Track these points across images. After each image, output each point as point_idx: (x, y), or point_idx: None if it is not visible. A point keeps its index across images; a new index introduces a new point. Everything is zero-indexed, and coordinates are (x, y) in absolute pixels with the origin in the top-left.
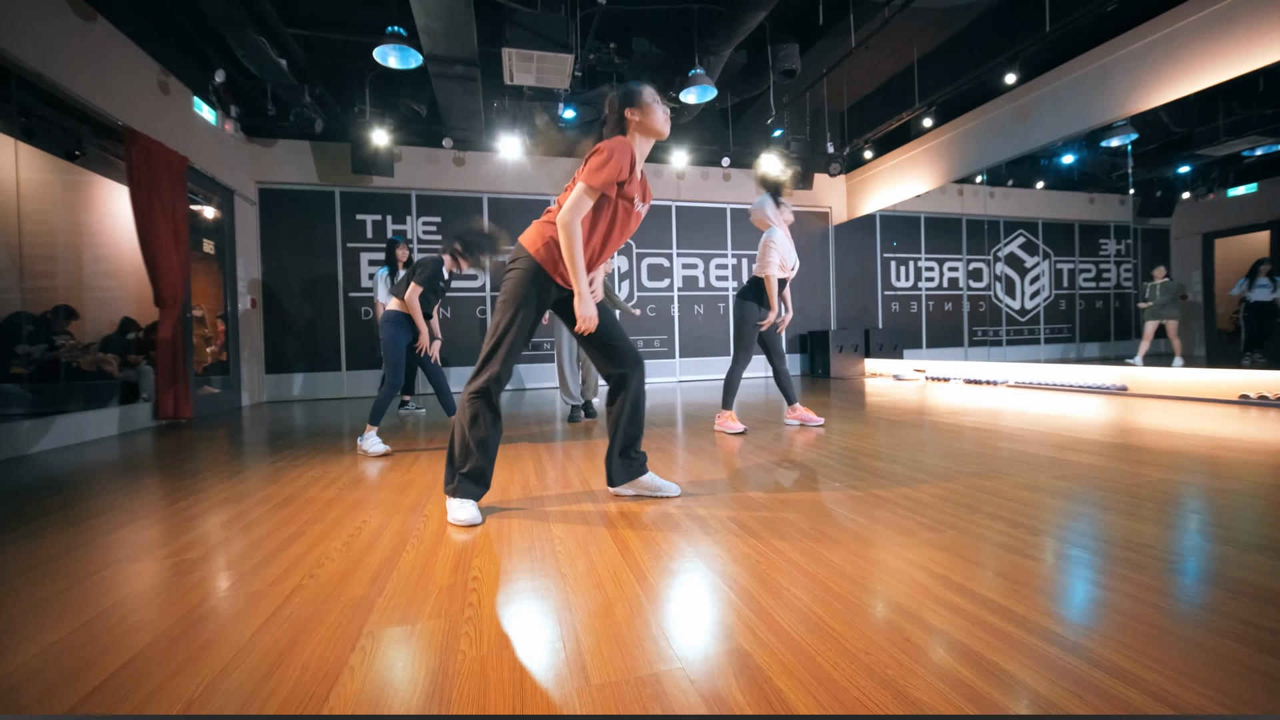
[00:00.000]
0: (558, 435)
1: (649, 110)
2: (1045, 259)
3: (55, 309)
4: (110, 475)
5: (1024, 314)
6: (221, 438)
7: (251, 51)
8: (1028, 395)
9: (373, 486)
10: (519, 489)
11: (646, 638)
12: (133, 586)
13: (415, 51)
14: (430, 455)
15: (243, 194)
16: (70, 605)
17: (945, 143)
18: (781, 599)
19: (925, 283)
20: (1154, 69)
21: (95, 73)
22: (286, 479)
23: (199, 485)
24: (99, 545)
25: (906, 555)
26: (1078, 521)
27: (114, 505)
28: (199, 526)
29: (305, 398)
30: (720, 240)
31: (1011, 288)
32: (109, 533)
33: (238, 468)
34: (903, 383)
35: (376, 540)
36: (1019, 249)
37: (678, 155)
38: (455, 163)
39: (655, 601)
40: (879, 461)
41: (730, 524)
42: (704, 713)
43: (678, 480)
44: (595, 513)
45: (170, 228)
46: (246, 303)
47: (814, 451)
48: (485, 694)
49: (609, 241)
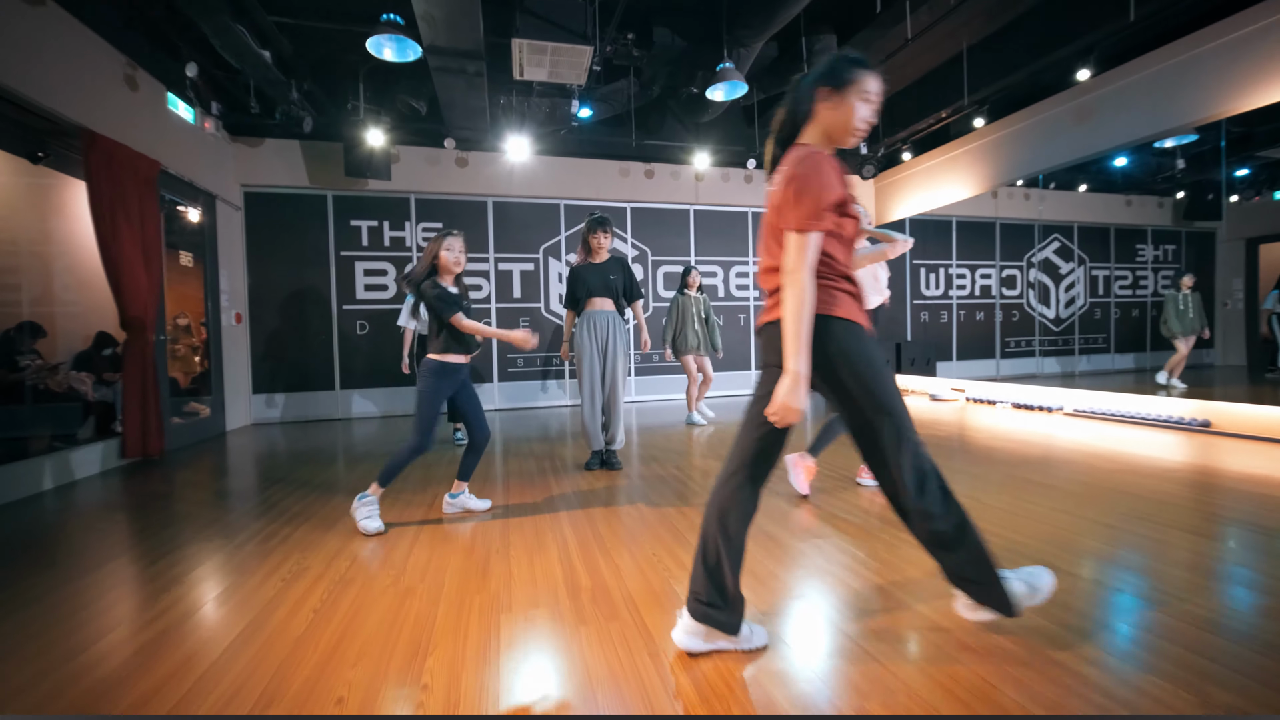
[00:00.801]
0: (583, 499)
1: (851, 98)
2: (1080, 265)
3: (20, 325)
4: (21, 564)
5: (1058, 323)
6: (189, 488)
7: (230, 42)
8: (1092, 427)
9: (360, 601)
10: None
11: None
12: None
13: (414, 42)
14: (430, 534)
15: (225, 198)
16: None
17: (991, 145)
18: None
19: (957, 291)
20: (1256, 64)
21: (43, 65)
22: (249, 582)
23: (119, 594)
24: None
25: None
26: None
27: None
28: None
29: (295, 419)
30: (741, 246)
31: (1046, 295)
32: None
33: (189, 554)
34: (940, 403)
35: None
36: (1054, 254)
37: (699, 157)
38: (458, 164)
39: None
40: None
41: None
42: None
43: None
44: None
45: (138, 241)
46: (231, 317)
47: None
48: None
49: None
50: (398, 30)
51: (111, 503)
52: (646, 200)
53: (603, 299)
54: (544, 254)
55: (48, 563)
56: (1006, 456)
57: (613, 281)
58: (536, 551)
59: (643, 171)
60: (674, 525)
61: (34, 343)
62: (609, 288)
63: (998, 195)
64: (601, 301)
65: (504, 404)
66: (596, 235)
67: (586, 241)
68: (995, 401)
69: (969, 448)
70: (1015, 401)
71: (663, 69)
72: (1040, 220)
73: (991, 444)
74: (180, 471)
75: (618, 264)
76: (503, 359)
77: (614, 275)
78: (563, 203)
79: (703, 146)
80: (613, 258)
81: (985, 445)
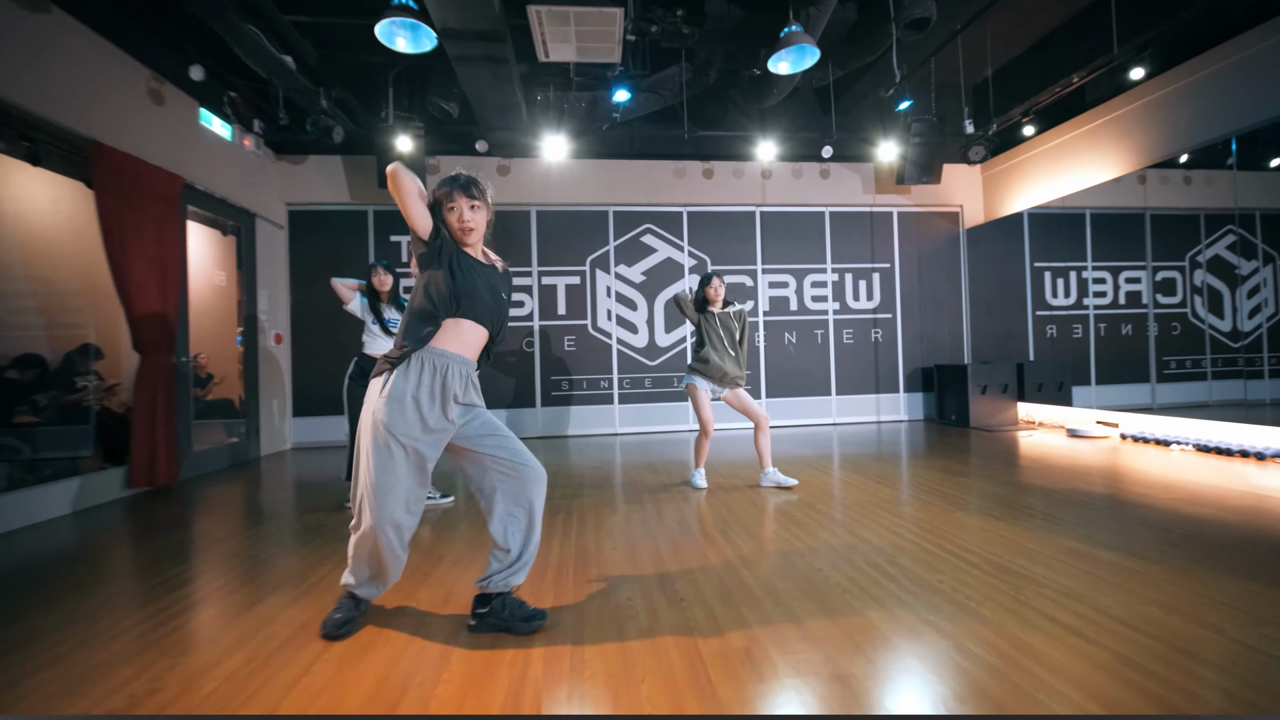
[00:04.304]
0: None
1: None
2: (1268, 264)
3: (81, 347)
4: None
5: (1237, 338)
6: (145, 535)
7: (247, 47)
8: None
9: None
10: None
11: None
12: None
13: (427, 28)
14: (364, 636)
15: (267, 217)
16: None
17: (1145, 108)
18: None
19: (1094, 299)
20: None
21: (50, 77)
22: (73, 706)
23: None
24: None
25: None
26: None
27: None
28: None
29: (336, 444)
30: (818, 252)
31: (1218, 303)
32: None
33: (44, 645)
34: (1080, 440)
35: None
36: (1228, 251)
37: (764, 148)
38: (499, 172)
39: None
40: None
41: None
42: None
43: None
44: None
45: (153, 257)
46: (271, 338)
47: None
48: None
49: None
50: (409, 14)
51: (58, 550)
52: (705, 203)
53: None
54: (591, 266)
55: None
56: (1229, 539)
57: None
58: (478, 686)
59: (700, 171)
60: (699, 654)
61: (93, 364)
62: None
63: (1146, 180)
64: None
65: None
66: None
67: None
68: (1168, 442)
69: (1142, 511)
70: (1201, 442)
71: (719, 48)
72: (1207, 209)
73: (1181, 509)
74: (166, 509)
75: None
76: (544, 380)
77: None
78: (611, 209)
79: (768, 136)
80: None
81: (1169, 511)
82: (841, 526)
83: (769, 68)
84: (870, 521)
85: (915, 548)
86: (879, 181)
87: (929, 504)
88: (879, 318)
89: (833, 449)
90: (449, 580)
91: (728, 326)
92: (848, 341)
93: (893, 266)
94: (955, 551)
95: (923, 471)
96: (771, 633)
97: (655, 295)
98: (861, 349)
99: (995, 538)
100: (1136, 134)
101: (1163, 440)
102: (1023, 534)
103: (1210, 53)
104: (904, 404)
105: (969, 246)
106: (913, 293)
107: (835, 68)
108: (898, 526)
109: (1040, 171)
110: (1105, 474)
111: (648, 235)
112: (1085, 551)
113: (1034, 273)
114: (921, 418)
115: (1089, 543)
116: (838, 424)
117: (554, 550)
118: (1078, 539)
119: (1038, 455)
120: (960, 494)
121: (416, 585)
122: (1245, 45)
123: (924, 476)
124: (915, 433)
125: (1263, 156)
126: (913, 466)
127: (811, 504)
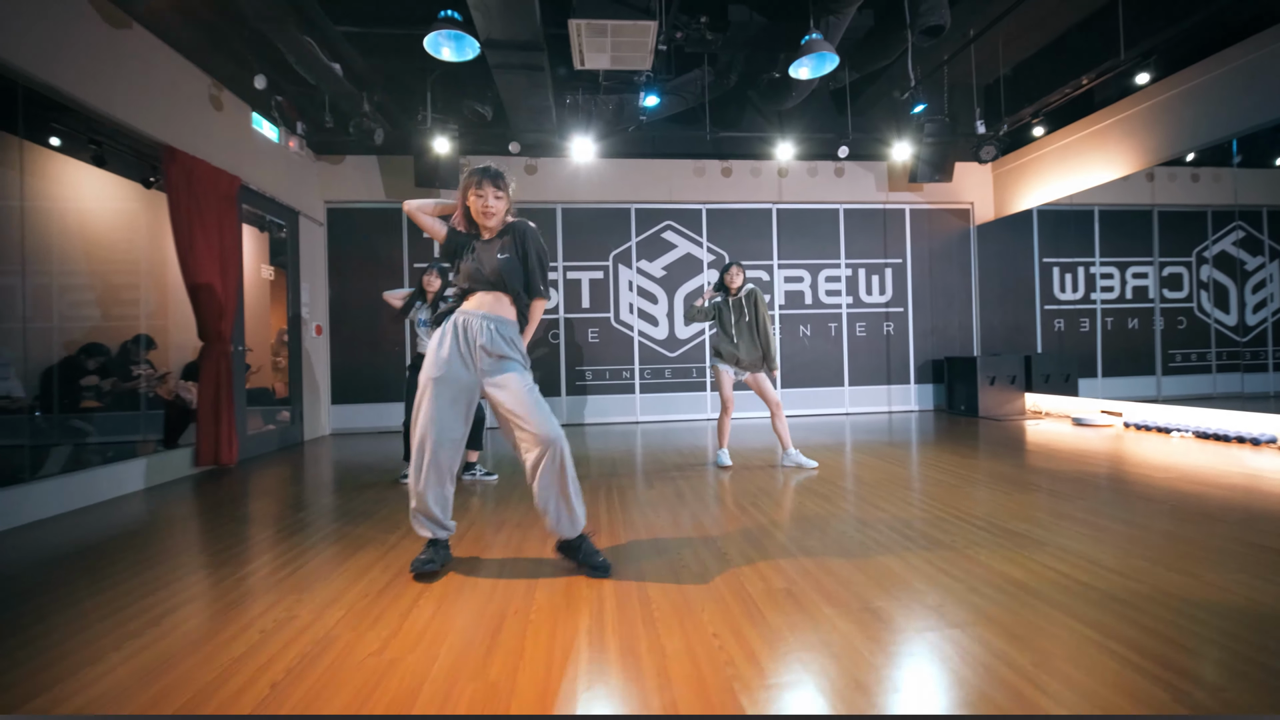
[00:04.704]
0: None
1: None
2: (1274, 259)
3: (135, 337)
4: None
5: (1243, 332)
6: (228, 504)
7: (302, 56)
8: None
9: (328, 677)
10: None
11: None
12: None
13: (471, 39)
14: (447, 582)
15: (308, 215)
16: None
17: (1151, 110)
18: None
19: (1101, 294)
20: None
21: (131, 87)
22: (223, 633)
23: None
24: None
25: None
26: None
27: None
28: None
29: (370, 430)
30: (832, 248)
31: (1224, 298)
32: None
33: (183, 586)
34: (1085, 429)
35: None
36: (1235, 247)
37: (782, 148)
38: (527, 171)
39: None
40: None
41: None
42: None
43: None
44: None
45: (216, 253)
46: (312, 330)
47: None
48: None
49: None
50: (455, 26)
51: (163, 515)
52: (724, 201)
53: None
54: (614, 261)
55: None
56: (1218, 509)
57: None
58: (562, 617)
59: (719, 170)
60: (748, 593)
61: (147, 353)
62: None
63: (1154, 178)
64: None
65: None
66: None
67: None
68: (1169, 429)
69: (1138, 488)
70: (1200, 429)
71: (740, 53)
72: (1214, 205)
73: (1176, 486)
74: (242, 483)
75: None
76: (569, 371)
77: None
78: (634, 206)
79: (786, 136)
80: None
81: (1164, 487)
82: (860, 499)
83: (790, 73)
84: (886, 495)
85: (929, 515)
86: (892, 179)
87: (940, 481)
88: (891, 311)
89: (845, 436)
90: (515, 539)
91: (739, 309)
92: (860, 334)
93: (905, 262)
94: (964, 519)
95: (934, 454)
96: (807, 578)
97: (675, 289)
98: (874, 341)
99: (1001, 508)
100: (1143, 135)
101: (1164, 428)
102: (1027, 505)
103: (1215, 56)
104: (914, 395)
105: (979, 242)
106: (924, 287)
107: (851, 70)
108: (912, 499)
109: (1049, 170)
110: (1108, 457)
111: (668, 231)
112: (1084, 519)
113: (1043, 268)
114: (931, 408)
115: (1088, 512)
116: (850, 414)
117: (603, 518)
118: (1078, 510)
119: (1043, 441)
120: (969, 473)
121: (487, 546)
122: (1249, 50)
123: (935, 459)
124: (926, 422)
125: (1267, 154)
126: (924, 450)
127: (831, 480)
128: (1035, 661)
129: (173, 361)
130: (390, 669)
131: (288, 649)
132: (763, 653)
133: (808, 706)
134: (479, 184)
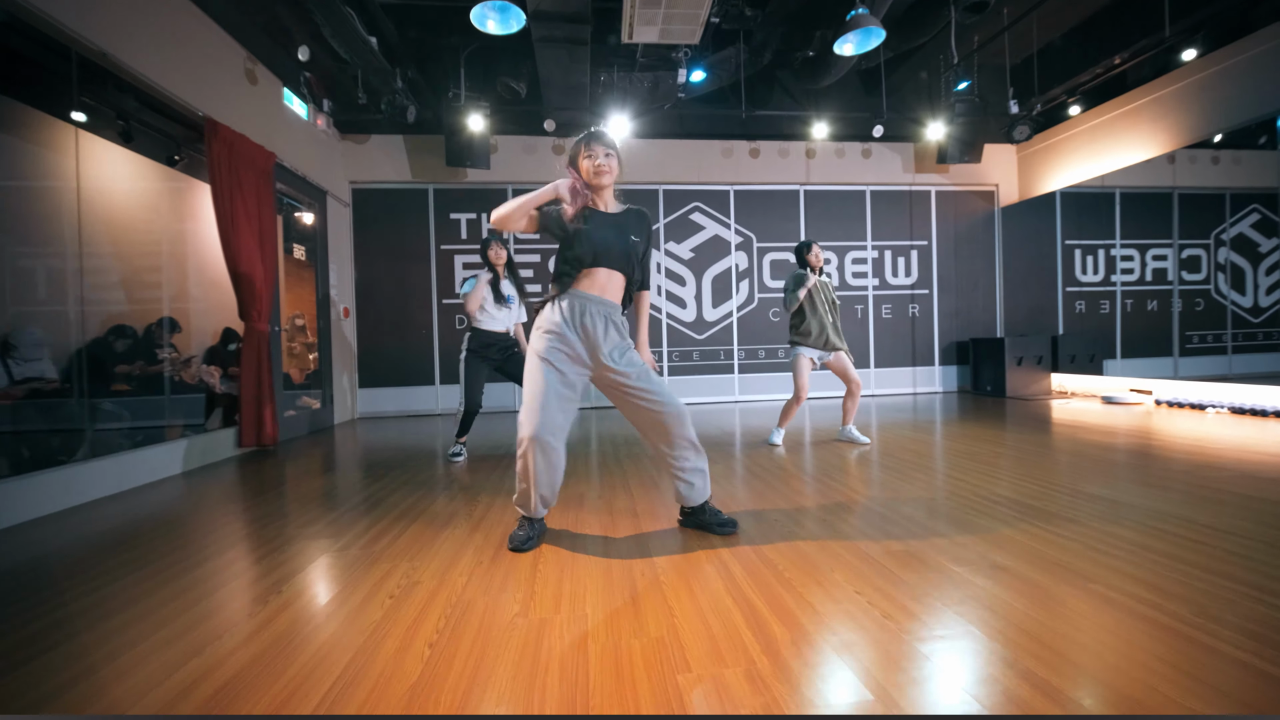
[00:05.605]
0: None
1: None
2: None
3: (160, 321)
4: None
5: (1258, 313)
6: (298, 480)
7: (341, 30)
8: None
9: (485, 636)
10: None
11: None
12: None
13: (518, 9)
14: (553, 547)
15: (335, 195)
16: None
17: (1187, 89)
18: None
19: (1122, 275)
20: None
21: (173, 57)
22: (354, 596)
23: (217, 600)
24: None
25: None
26: None
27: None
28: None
29: (397, 414)
30: (858, 229)
31: (1240, 280)
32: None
33: (294, 555)
34: (1115, 407)
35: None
36: (1252, 229)
37: (815, 127)
38: (555, 150)
39: None
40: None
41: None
42: None
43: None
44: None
45: (255, 231)
46: (339, 312)
47: None
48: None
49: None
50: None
51: (228, 491)
52: (752, 182)
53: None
54: None
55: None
56: (1230, 479)
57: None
58: (693, 578)
59: (747, 150)
60: (868, 554)
61: (171, 337)
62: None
63: (1175, 160)
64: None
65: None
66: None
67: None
68: (1204, 406)
69: (1187, 472)
70: (1237, 405)
71: (776, 30)
72: (1233, 187)
73: (1204, 460)
74: (291, 462)
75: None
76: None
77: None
78: (661, 188)
79: (820, 116)
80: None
81: (1225, 468)
82: (933, 473)
83: (834, 49)
84: (958, 469)
85: (1012, 487)
86: (919, 161)
87: (1003, 454)
88: (916, 293)
89: (884, 416)
90: (609, 512)
91: (826, 292)
92: (886, 316)
93: (930, 244)
94: (1059, 490)
95: (977, 430)
96: (922, 541)
97: (703, 271)
98: (899, 323)
99: (1080, 476)
100: (1178, 114)
101: (1198, 405)
102: (1109, 476)
103: (1259, 33)
104: (939, 376)
105: (1003, 224)
106: (949, 269)
107: (885, 49)
108: (985, 471)
109: (1075, 152)
110: (1140, 438)
111: (696, 213)
112: (1188, 489)
113: (1065, 250)
114: (955, 389)
115: (1192, 484)
116: (876, 395)
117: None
118: (1178, 482)
119: (1086, 420)
120: (1026, 446)
121: (577, 521)
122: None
123: (982, 434)
124: (953, 402)
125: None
126: (964, 427)
127: (892, 454)
128: (1194, 611)
129: (194, 345)
130: (543, 628)
131: (427, 612)
132: (915, 607)
133: (983, 658)
134: (588, 144)
